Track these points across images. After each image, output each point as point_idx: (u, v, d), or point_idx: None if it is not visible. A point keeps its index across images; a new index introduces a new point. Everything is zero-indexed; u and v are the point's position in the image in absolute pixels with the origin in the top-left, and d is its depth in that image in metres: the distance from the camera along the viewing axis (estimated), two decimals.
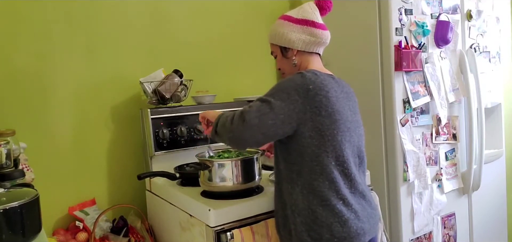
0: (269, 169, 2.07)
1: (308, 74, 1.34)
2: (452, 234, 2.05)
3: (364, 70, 1.92)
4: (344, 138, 1.34)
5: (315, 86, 1.31)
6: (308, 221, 1.31)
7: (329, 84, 1.35)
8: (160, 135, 2.00)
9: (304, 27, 1.44)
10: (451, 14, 2.00)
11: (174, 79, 2.07)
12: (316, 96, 1.30)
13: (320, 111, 1.30)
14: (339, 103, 1.35)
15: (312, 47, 1.45)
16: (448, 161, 2.02)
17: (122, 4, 2.14)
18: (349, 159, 1.36)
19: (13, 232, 1.12)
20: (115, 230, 1.95)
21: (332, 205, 1.31)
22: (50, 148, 1.98)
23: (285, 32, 1.45)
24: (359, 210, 1.35)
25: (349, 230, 1.31)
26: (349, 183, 1.36)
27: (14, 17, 1.90)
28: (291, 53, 1.46)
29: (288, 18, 1.46)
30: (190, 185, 1.80)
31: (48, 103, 1.99)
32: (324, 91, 1.32)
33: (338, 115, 1.33)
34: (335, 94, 1.35)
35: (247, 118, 1.29)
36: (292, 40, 1.44)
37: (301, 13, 1.45)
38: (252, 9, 2.54)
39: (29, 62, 1.94)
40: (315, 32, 1.44)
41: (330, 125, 1.31)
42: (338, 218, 1.30)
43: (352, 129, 1.39)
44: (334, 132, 1.32)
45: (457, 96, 2.02)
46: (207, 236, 1.51)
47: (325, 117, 1.31)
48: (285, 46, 1.46)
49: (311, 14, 1.44)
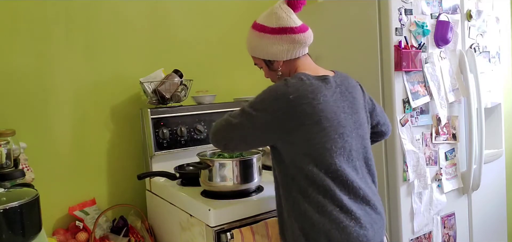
0: (269, 169, 2.07)
1: (292, 81, 1.27)
2: (452, 234, 2.05)
3: (364, 70, 1.92)
4: (334, 145, 1.27)
5: (297, 95, 1.23)
6: (306, 227, 1.27)
7: (316, 90, 1.26)
8: (160, 135, 2.00)
9: (283, 36, 1.34)
10: (451, 14, 2.00)
11: (174, 79, 2.07)
12: (299, 106, 1.23)
13: (304, 120, 1.24)
14: (328, 109, 1.27)
15: (296, 53, 1.36)
16: (448, 161, 2.02)
17: (122, 4, 2.14)
18: (343, 166, 1.28)
19: (13, 232, 1.13)
20: (115, 230, 1.95)
21: (329, 211, 1.25)
22: (50, 148, 1.99)
23: (264, 46, 1.36)
24: (362, 216, 1.28)
25: (349, 236, 1.24)
26: (346, 190, 1.28)
27: (14, 17, 1.90)
28: (277, 65, 1.39)
29: (263, 29, 1.36)
30: (190, 185, 1.80)
31: (48, 103, 1.99)
32: (309, 98, 1.24)
33: (327, 122, 1.26)
34: (324, 99, 1.26)
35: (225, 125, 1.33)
36: (274, 53, 1.36)
37: (276, 20, 1.34)
38: (252, 9, 2.53)
39: (29, 62, 1.94)
40: (295, 39, 1.34)
41: (317, 132, 1.25)
42: (335, 224, 1.24)
43: (347, 133, 1.30)
44: (322, 140, 1.25)
45: (457, 96, 2.02)
46: (207, 236, 1.51)
47: (310, 125, 1.24)
48: (269, 59, 1.39)
49: (286, 20, 1.34)
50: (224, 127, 1.33)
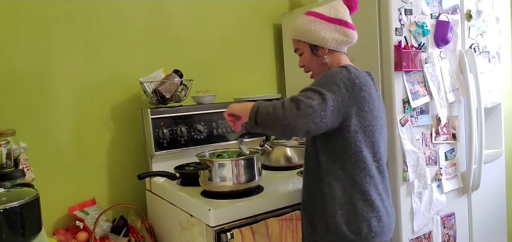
0: (269, 168, 2.07)
1: (352, 68, 1.36)
2: (451, 234, 2.05)
3: (364, 70, 1.92)
4: (380, 135, 1.39)
5: (360, 81, 1.33)
6: (349, 214, 1.34)
7: (369, 82, 1.38)
8: (160, 135, 2.00)
9: (338, 26, 1.43)
10: (451, 14, 2.00)
11: (174, 79, 2.07)
12: (361, 92, 1.33)
13: (364, 106, 1.33)
14: (377, 101, 1.39)
15: (342, 46, 1.46)
16: (448, 160, 2.02)
17: (122, 4, 2.14)
18: (383, 156, 1.41)
19: (13, 232, 1.13)
20: (115, 230, 1.95)
21: (372, 200, 1.34)
22: (50, 148, 1.99)
23: (317, 30, 1.43)
24: (388, 206, 1.41)
25: (383, 225, 1.36)
26: (382, 179, 1.40)
27: (14, 17, 1.90)
28: (322, 52, 1.45)
29: (320, 16, 1.44)
30: (190, 185, 1.80)
31: (48, 103, 1.99)
32: (367, 87, 1.35)
33: (377, 112, 1.38)
34: (374, 91, 1.39)
35: (302, 107, 1.26)
36: (325, 39, 1.43)
37: (334, 12, 1.44)
38: (252, 9, 2.54)
39: (29, 62, 1.94)
40: (347, 32, 1.44)
41: (371, 120, 1.35)
42: (375, 213, 1.34)
43: (384, 127, 1.45)
44: (373, 128, 1.36)
45: (457, 96, 2.02)
46: (207, 236, 1.51)
47: (367, 113, 1.34)
48: (316, 44, 1.45)
49: (343, 14, 1.44)
50: (300, 112, 1.26)
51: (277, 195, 1.65)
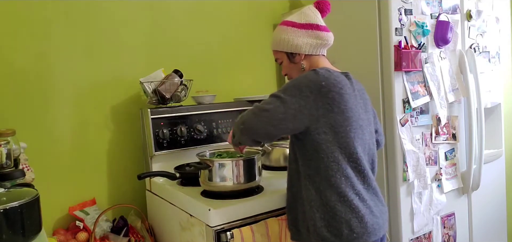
0: (269, 168, 2.07)
1: (321, 71, 1.37)
2: (451, 234, 2.05)
3: (364, 70, 1.92)
4: (356, 135, 1.37)
5: (328, 83, 1.33)
6: (327, 217, 1.34)
7: (342, 81, 1.37)
8: (160, 135, 2.00)
9: (309, 31, 1.46)
10: (451, 14, 2.00)
11: (174, 79, 2.07)
12: (329, 93, 1.33)
13: (333, 108, 1.33)
14: (352, 101, 1.38)
15: (318, 50, 1.48)
16: (448, 160, 2.02)
17: (122, 4, 2.14)
18: (361, 156, 1.38)
19: (13, 232, 1.13)
20: (115, 230, 1.95)
21: (349, 200, 1.34)
22: (50, 148, 1.99)
23: (290, 38, 1.46)
24: (373, 205, 1.39)
25: (366, 225, 1.34)
26: (362, 179, 1.39)
27: (14, 17, 1.90)
28: (299, 58, 1.48)
29: (292, 24, 1.48)
30: (190, 185, 1.80)
31: (48, 103, 1.99)
32: (338, 88, 1.34)
33: (351, 112, 1.36)
34: (348, 91, 1.37)
35: (256, 111, 1.35)
36: (299, 45, 1.46)
37: (304, 17, 1.47)
38: (252, 9, 2.54)
39: (29, 62, 1.94)
40: (320, 35, 1.46)
41: (343, 121, 1.34)
42: (355, 213, 1.33)
43: (364, 127, 1.42)
44: (347, 128, 1.35)
45: (457, 96, 2.02)
46: (207, 236, 1.51)
47: (337, 114, 1.33)
48: (292, 52, 1.48)
49: (313, 18, 1.47)
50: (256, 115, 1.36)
51: (277, 195, 1.65)
